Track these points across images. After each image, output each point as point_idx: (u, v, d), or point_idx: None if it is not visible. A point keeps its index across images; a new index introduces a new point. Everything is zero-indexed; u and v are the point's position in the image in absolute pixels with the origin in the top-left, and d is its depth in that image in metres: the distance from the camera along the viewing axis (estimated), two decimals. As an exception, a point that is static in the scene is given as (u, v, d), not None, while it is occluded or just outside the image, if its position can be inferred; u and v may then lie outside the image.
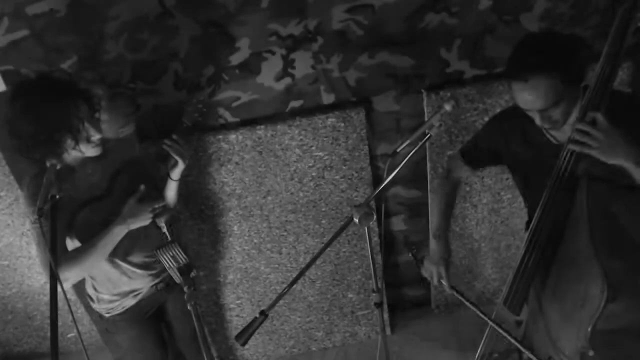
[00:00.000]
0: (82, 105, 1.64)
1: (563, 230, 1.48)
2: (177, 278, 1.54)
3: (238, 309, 2.67)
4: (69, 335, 2.91)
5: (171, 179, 1.94)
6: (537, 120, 1.45)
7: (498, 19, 2.14)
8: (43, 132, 1.59)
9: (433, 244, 1.82)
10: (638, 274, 1.37)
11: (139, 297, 1.95)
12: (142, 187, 1.79)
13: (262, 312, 1.54)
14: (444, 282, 1.76)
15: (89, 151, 1.72)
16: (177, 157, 1.87)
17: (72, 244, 1.77)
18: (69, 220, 1.73)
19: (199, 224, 2.43)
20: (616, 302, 1.32)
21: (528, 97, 1.39)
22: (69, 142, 1.64)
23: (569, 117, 1.46)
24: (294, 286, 1.56)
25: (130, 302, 1.94)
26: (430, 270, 1.78)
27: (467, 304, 1.72)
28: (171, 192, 1.97)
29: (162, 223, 1.74)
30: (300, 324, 2.74)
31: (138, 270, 1.90)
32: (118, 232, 1.73)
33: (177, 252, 1.53)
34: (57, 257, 1.37)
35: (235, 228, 2.45)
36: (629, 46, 1.38)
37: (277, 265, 2.56)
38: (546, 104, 1.38)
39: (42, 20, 2.00)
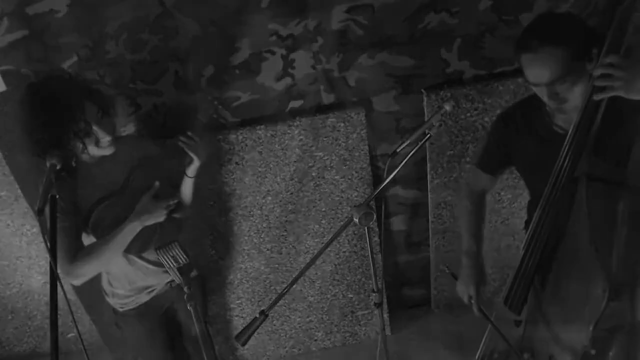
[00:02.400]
0: (91, 107, 1.62)
1: (563, 230, 1.48)
2: (177, 278, 1.54)
3: (238, 309, 2.67)
4: (69, 335, 2.91)
5: (187, 176, 1.92)
6: (545, 98, 1.45)
7: (498, 19, 2.14)
8: (50, 136, 1.57)
9: (464, 262, 1.78)
10: (638, 273, 1.37)
11: (153, 293, 1.95)
12: (157, 183, 1.79)
13: (262, 312, 1.54)
14: (473, 303, 1.74)
15: (100, 152, 1.71)
16: (192, 154, 1.85)
17: (88, 239, 1.78)
18: (85, 216, 1.74)
19: (199, 224, 2.43)
20: (617, 301, 1.32)
21: (537, 69, 1.41)
22: (78, 145, 1.63)
23: (575, 98, 1.46)
24: (294, 286, 1.56)
25: (144, 298, 1.94)
26: (462, 289, 1.77)
27: (494, 327, 1.70)
28: (187, 189, 1.95)
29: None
30: (300, 324, 2.74)
31: (153, 267, 1.90)
32: (132, 229, 1.72)
33: (177, 252, 1.53)
34: (56, 257, 1.36)
35: (235, 228, 2.45)
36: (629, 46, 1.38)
37: (277, 265, 2.56)
38: (553, 76, 1.39)
39: (42, 20, 2.00)
